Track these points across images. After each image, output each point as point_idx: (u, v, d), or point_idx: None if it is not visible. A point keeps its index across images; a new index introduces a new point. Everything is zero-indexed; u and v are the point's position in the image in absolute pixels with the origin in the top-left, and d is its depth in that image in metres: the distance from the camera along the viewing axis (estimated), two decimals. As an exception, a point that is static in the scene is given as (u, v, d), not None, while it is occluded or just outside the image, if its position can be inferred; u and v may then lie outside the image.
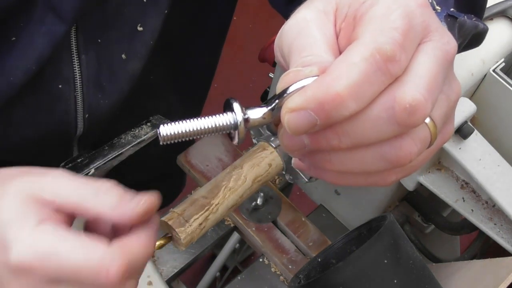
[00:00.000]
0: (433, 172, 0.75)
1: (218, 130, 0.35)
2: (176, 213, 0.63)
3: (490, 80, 0.70)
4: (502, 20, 0.72)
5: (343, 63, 0.31)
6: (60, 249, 0.36)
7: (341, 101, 0.30)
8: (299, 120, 0.31)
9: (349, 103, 0.30)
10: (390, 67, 0.31)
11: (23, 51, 0.57)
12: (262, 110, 0.34)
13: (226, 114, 0.35)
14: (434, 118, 0.34)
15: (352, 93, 0.30)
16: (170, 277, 0.81)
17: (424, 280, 0.49)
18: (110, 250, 0.37)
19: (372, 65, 0.31)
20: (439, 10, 0.47)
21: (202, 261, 1.70)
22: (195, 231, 0.62)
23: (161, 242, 0.62)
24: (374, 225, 0.54)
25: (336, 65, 0.31)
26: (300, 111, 0.31)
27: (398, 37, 0.31)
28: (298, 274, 0.57)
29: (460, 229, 0.81)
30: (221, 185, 0.65)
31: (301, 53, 0.34)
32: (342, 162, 0.34)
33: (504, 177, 0.69)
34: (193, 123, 0.34)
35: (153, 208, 0.40)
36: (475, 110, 0.67)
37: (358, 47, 0.31)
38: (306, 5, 0.37)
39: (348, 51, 0.32)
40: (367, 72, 0.30)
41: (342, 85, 0.30)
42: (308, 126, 0.31)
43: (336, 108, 0.30)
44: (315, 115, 0.31)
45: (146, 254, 0.41)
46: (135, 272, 0.40)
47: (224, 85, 2.33)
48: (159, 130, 0.34)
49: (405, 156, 0.33)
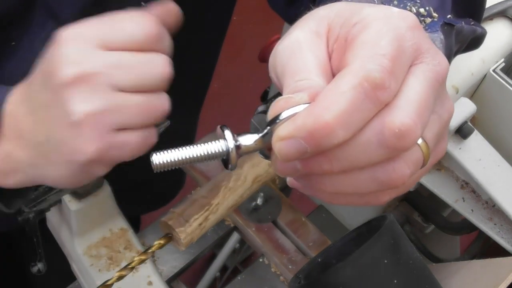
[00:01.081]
0: (433, 172, 0.75)
1: (210, 157, 0.35)
2: (176, 213, 0.63)
3: (490, 80, 0.70)
4: (502, 20, 0.72)
5: (332, 92, 0.31)
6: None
7: (331, 130, 0.31)
8: (289, 148, 0.32)
9: (338, 131, 0.31)
10: (379, 95, 0.31)
11: (23, 56, 0.56)
12: (253, 137, 0.35)
13: (218, 142, 0.35)
14: (427, 139, 0.34)
15: (341, 122, 0.31)
16: (170, 277, 0.81)
17: (424, 280, 0.49)
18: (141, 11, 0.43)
19: (360, 94, 0.31)
20: (436, 18, 0.47)
21: (202, 261, 1.70)
22: (195, 231, 0.62)
23: (161, 242, 0.62)
24: (374, 225, 0.54)
25: (325, 94, 0.32)
26: (290, 139, 0.31)
27: (387, 64, 0.31)
28: (298, 274, 0.57)
29: (460, 229, 0.81)
30: (221, 185, 0.65)
31: (293, 76, 0.34)
32: (335, 184, 0.34)
33: (504, 177, 0.69)
34: (185, 151, 0.35)
35: None
36: (475, 110, 0.67)
37: (347, 75, 0.32)
38: (299, 26, 0.37)
39: (337, 79, 0.32)
40: (355, 101, 0.31)
41: (331, 115, 0.31)
42: (299, 154, 0.32)
43: (326, 136, 0.31)
44: (305, 143, 0.31)
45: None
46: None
47: (224, 85, 2.33)
48: (152, 159, 0.35)
49: (398, 178, 0.33)
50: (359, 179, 0.34)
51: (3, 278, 1.04)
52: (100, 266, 0.72)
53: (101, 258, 0.72)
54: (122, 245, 0.73)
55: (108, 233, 0.74)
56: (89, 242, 0.73)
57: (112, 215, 0.74)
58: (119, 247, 0.73)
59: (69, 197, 0.69)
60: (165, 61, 0.43)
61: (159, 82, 0.43)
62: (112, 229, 0.74)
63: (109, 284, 0.60)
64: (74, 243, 0.73)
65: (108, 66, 0.41)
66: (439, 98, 0.35)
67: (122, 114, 0.42)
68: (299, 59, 0.35)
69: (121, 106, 0.41)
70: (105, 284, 0.60)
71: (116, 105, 0.41)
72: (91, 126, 0.41)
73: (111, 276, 0.60)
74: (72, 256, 0.74)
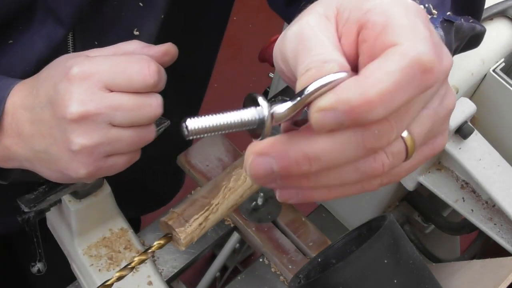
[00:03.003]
0: (433, 172, 0.75)
1: (243, 125, 0.34)
2: (176, 213, 0.63)
3: (490, 80, 0.70)
4: (502, 20, 0.72)
5: (379, 70, 0.31)
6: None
7: (373, 107, 0.30)
8: (328, 119, 0.31)
9: (379, 109, 0.30)
10: (427, 79, 0.31)
11: (22, 53, 0.57)
12: (286, 105, 0.33)
13: (252, 109, 0.34)
14: (414, 133, 0.34)
15: (384, 101, 0.30)
16: (170, 277, 0.81)
17: (424, 280, 0.49)
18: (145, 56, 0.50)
19: (408, 75, 0.31)
20: (435, 15, 0.47)
21: (202, 261, 1.70)
22: (195, 231, 0.62)
23: (161, 242, 0.62)
24: (374, 225, 0.54)
25: (371, 70, 0.31)
26: (330, 111, 0.31)
27: (434, 49, 0.31)
28: (298, 274, 0.57)
29: (460, 229, 0.81)
30: (221, 185, 0.65)
31: (310, 52, 0.34)
32: (318, 179, 0.34)
33: (504, 177, 0.69)
34: (219, 117, 0.34)
35: None
36: (475, 110, 0.67)
37: (396, 55, 0.31)
38: (308, 12, 0.37)
39: (384, 57, 0.31)
40: (402, 82, 0.30)
41: (375, 92, 0.30)
42: (336, 125, 0.31)
43: (366, 112, 0.30)
44: (344, 116, 0.31)
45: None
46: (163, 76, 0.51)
47: (224, 85, 2.33)
48: (185, 124, 0.33)
49: (378, 168, 0.34)
50: (340, 172, 0.33)
51: (3, 278, 1.04)
52: (100, 266, 0.72)
53: (101, 258, 0.72)
54: (122, 245, 0.73)
55: (108, 233, 0.74)
56: (89, 242, 0.73)
57: (112, 215, 0.74)
58: (119, 247, 0.73)
59: (69, 197, 0.69)
60: (158, 103, 0.50)
61: (151, 120, 0.50)
62: (112, 229, 0.74)
63: (109, 284, 0.60)
64: (74, 243, 0.73)
65: (108, 107, 0.47)
66: (438, 94, 0.35)
67: (115, 145, 0.49)
68: (313, 39, 0.34)
69: (115, 140, 0.49)
70: (105, 284, 0.59)
71: (111, 139, 0.48)
72: (86, 155, 0.48)
73: (111, 276, 0.60)
74: (72, 256, 0.74)
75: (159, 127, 0.67)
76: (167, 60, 0.53)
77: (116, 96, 0.48)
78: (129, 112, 0.48)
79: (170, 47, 0.53)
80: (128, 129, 0.49)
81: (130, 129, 0.49)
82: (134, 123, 0.49)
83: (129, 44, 0.53)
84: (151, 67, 0.49)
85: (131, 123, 0.49)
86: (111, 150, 0.49)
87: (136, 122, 0.49)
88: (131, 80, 0.48)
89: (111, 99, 0.47)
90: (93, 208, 0.70)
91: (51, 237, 0.77)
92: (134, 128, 0.50)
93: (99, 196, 0.70)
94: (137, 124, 0.50)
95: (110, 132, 0.48)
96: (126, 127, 0.49)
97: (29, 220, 0.68)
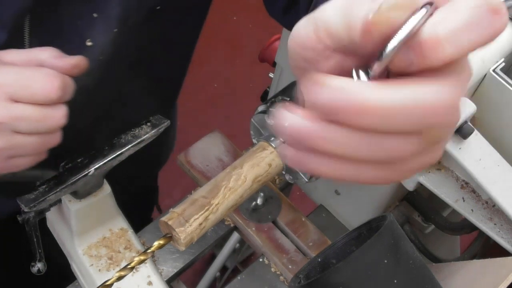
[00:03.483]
0: (433, 172, 0.75)
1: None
2: (176, 213, 0.63)
3: (490, 80, 0.70)
4: (502, 20, 0.72)
5: (447, 8, 0.31)
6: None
7: (440, 44, 0.30)
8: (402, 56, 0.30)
9: (447, 48, 0.30)
10: (495, 21, 0.31)
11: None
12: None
13: None
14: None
15: (451, 39, 0.30)
16: (170, 277, 0.81)
17: (424, 280, 0.49)
18: (51, 72, 0.52)
19: (477, 15, 0.30)
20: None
21: (202, 261, 1.70)
22: (195, 231, 0.62)
23: (161, 242, 0.62)
24: (374, 225, 0.54)
25: (439, 9, 0.31)
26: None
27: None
28: (298, 274, 0.57)
29: (460, 229, 0.81)
30: (221, 185, 0.65)
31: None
32: (350, 145, 0.32)
33: (504, 177, 0.69)
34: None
35: None
36: (475, 110, 0.67)
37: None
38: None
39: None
40: (471, 21, 0.30)
41: (445, 29, 0.30)
42: (405, 64, 0.31)
43: (435, 50, 0.30)
44: (413, 54, 0.30)
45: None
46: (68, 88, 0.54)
47: (224, 85, 2.33)
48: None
49: (407, 150, 0.32)
50: (374, 143, 0.32)
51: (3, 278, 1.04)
52: (100, 266, 0.72)
53: (101, 258, 0.72)
54: (122, 245, 0.73)
55: (108, 233, 0.74)
56: (89, 242, 0.73)
57: (112, 215, 0.74)
58: (119, 247, 0.73)
59: (69, 197, 0.69)
60: (61, 115, 0.53)
61: (55, 129, 0.54)
62: (112, 229, 0.74)
63: (109, 284, 0.60)
64: (74, 243, 0.73)
65: (11, 117, 0.50)
66: None
67: (17, 150, 0.52)
68: None
69: (18, 146, 0.52)
70: (105, 284, 0.59)
71: (14, 144, 0.52)
72: None
73: (111, 276, 0.60)
74: (72, 256, 0.74)
75: (159, 127, 0.67)
76: (76, 72, 0.56)
77: (19, 108, 0.51)
78: (33, 123, 0.52)
79: (80, 60, 0.56)
80: (32, 135, 0.52)
81: (34, 135, 0.53)
82: (39, 132, 0.53)
83: (42, 51, 0.54)
84: (55, 83, 0.51)
85: (35, 131, 0.52)
86: (14, 153, 0.53)
87: (40, 131, 0.53)
88: (34, 95, 0.51)
89: (15, 110, 0.50)
90: (93, 208, 0.70)
91: (51, 236, 0.77)
92: (39, 135, 0.53)
93: (99, 196, 0.70)
94: (41, 132, 0.53)
95: (14, 138, 0.51)
96: (30, 134, 0.52)
97: (29, 220, 0.68)
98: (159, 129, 0.67)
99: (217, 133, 0.90)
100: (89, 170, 0.63)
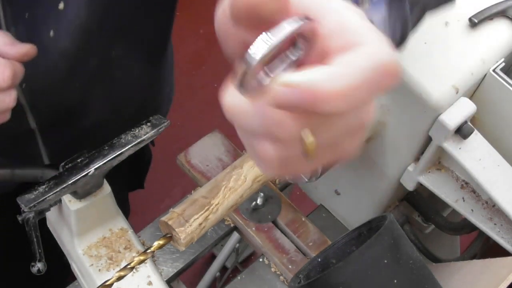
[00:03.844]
0: (433, 172, 0.75)
1: None
2: (176, 213, 0.63)
3: (490, 80, 0.70)
4: (502, 20, 0.72)
5: (348, 64, 0.31)
6: None
7: (335, 98, 0.30)
8: (287, 96, 0.31)
9: (340, 103, 0.30)
10: (390, 82, 0.31)
11: None
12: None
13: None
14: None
15: (348, 95, 0.30)
16: (170, 277, 0.81)
17: (424, 280, 0.50)
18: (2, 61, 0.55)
19: (375, 75, 0.31)
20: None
21: (202, 261, 1.70)
22: (195, 231, 0.62)
23: (161, 242, 0.62)
24: (374, 225, 0.54)
25: (341, 62, 0.31)
26: (294, 88, 0.30)
27: (393, 55, 0.31)
28: (298, 274, 0.57)
29: (460, 229, 0.81)
30: (221, 185, 0.65)
31: None
32: None
33: (504, 177, 0.69)
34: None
35: None
36: (475, 110, 0.67)
37: (364, 53, 0.31)
38: None
39: (354, 53, 0.31)
40: (367, 80, 0.30)
41: (341, 85, 0.30)
42: (291, 105, 0.31)
43: (327, 102, 0.30)
44: (302, 98, 0.30)
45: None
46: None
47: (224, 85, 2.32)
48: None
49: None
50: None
51: (3, 278, 1.04)
52: (100, 266, 0.72)
53: (101, 258, 0.72)
54: (122, 245, 0.73)
55: (108, 233, 0.74)
56: (89, 242, 0.73)
57: (112, 215, 0.74)
58: (119, 247, 0.73)
59: (69, 197, 0.69)
60: (11, 99, 0.57)
61: (5, 111, 0.58)
62: (112, 229, 0.74)
63: (109, 284, 0.60)
64: (74, 243, 0.73)
65: None
66: None
67: None
68: None
69: None
70: (105, 284, 0.60)
71: None
72: None
73: (111, 276, 0.60)
74: (72, 256, 0.74)
75: (159, 127, 0.67)
76: (27, 59, 0.59)
77: None
78: None
79: (30, 49, 0.59)
80: None
81: None
82: None
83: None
84: (5, 72, 0.55)
85: None
86: None
87: None
88: None
89: None
90: (93, 208, 0.70)
91: (51, 236, 0.77)
92: None
93: (99, 196, 0.70)
94: None
95: None
96: None
97: (29, 220, 0.68)
98: (159, 129, 0.67)
99: (217, 133, 0.90)
100: (89, 170, 0.63)
